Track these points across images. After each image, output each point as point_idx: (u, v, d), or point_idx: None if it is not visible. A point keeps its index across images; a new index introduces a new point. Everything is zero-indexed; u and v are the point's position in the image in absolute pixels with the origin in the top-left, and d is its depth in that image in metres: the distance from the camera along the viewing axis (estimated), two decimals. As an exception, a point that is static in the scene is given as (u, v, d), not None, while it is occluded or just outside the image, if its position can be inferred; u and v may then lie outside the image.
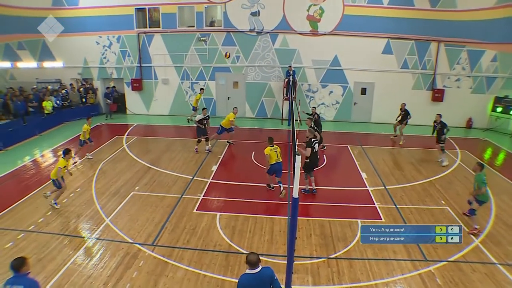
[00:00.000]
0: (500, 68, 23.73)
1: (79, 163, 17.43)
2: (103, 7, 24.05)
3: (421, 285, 9.88)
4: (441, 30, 23.43)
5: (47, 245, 11.13)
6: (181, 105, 25.50)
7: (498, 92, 23.99)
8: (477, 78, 24.21)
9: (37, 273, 9.69)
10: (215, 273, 10.00)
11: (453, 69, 24.21)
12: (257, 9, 23.85)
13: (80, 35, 24.48)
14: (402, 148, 19.99)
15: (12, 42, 23.93)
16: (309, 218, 12.89)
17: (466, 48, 23.69)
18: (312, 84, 24.85)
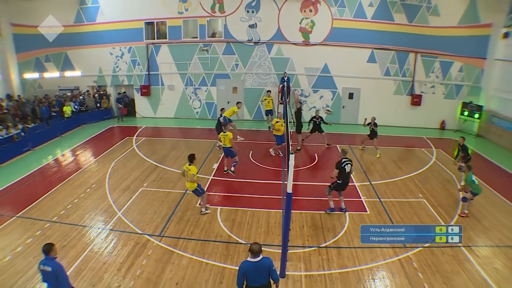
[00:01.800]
0: (465, 77, 24.03)
1: (93, 162, 17.36)
2: (116, 22, 24.05)
3: (400, 268, 10.02)
4: (417, 43, 23.61)
5: (69, 234, 11.20)
6: (185, 109, 25.46)
7: (464, 98, 24.19)
8: (448, 86, 24.34)
9: (61, 258, 9.65)
10: (216, 261, 10.04)
11: (428, 77, 24.27)
12: (254, 22, 23.83)
13: (96, 47, 24.45)
14: (386, 147, 19.90)
15: (41, 56, 24.00)
16: (301, 211, 12.87)
17: (439, 59, 23.89)
18: (304, 89, 24.80)
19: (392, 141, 21.37)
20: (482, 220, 12.80)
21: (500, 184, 15.60)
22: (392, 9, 23.19)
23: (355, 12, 23.41)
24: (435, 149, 20.36)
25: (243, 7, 23.63)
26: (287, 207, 8.34)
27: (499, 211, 13.45)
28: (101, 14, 24.03)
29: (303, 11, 23.59)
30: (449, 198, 14.38)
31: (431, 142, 21.71)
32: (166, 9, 23.84)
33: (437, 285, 9.37)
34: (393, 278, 9.62)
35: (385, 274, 9.80)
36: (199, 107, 25.43)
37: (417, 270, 9.94)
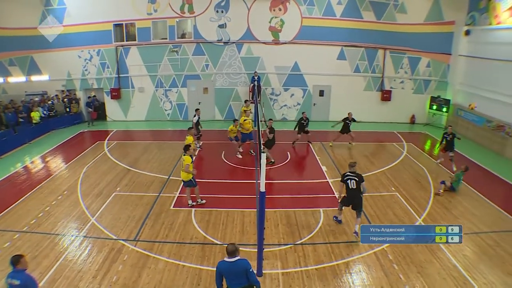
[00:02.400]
0: (433, 72, 24.75)
1: (64, 168, 16.99)
2: (84, 24, 23.53)
3: (375, 261, 10.17)
4: (386, 39, 24.05)
5: (40, 244, 10.82)
6: (156, 111, 25.15)
7: (432, 92, 24.88)
8: (416, 81, 24.94)
9: (32, 270, 9.40)
10: (192, 263, 9.94)
11: (397, 72, 24.77)
12: (224, 22, 23.75)
13: (63, 50, 23.82)
14: (357, 143, 20.16)
15: (4, 60, 23.09)
16: (276, 209, 12.89)
17: (407, 55, 24.44)
18: (275, 88, 24.89)
19: (364, 137, 21.63)
20: (451, 209, 13.22)
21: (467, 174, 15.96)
22: (361, 7, 23.52)
23: (324, 10, 23.61)
24: (406, 143, 20.76)
25: (212, 7, 23.51)
26: (261, 206, 8.35)
27: (467, 200, 13.90)
28: (68, 15, 23.39)
29: (272, 10, 23.66)
30: (420, 190, 14.71)
31: (401, 136, 22.14)
32: (135, 10, 23.49)
33: (412, 275, 9.58)
34: (369, 271, 9.75)
35: (361, 267, 9.93)
36: (170, 108, 25.18)
37: (392, 262, 10.12)
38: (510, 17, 19.16)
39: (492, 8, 20.48)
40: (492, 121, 20.00)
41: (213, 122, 23.87)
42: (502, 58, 19.63)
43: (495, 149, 19.74)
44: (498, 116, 19.76)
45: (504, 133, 19.12)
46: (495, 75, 20.21)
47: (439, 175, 16.23)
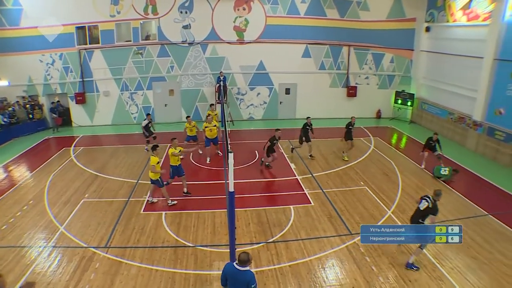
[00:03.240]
0: (396, 68, 25.35)
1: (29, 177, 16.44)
2: (45, 27, 22.75)
3: (348, 255, 10.37)
4: (350, 36, 24.42)
5: (4, 258, 10.34)
6: (122, 115, 24.66)
7: (397, 87, 25.50)
8: (381, 76, 25.44)
9: None
10: (166, 267, 9.85)
11: (362, 68, 25.19)
12: (188, 23, 23.52)
13: (23, 54, 22.95)
14: (325, 139, 20.38)
15: (-44, 65, 22.19)
16: (246, 208, 12.90)
17: (371, 51, 24.91)
18: (241, 88, 24.86)
19: (331, 133, 21.83)
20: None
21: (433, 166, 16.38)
22: (324, 5, 23.76)
23: (288, 9, 23.73)
24: (373, 138, 21.15)
25: (176, 8, 23.23)
26: (231, 206, 8.31)
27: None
28: (25, 17, 22.47)
29: (236, 10, 23.61)
30: (389, 183, 15.04)
31: (368, 131, 22.51)
32: (97, 12, 22.92)
33: (384, 266, 9.83)
34: (342, 265, 9.91)
35: (334, 262, 10.07)
36: (136, 112, 24.74)
37: (364, 254, 10.33)
38: (463, 16, 20.07)
39: (448, 6, 21.32)
40: (454, 113, 20.66)
41: (180, 123, 23.60)
42: (459, 53, 20.55)
43: (457, 140, 20.46)
44: (459, 109, 20.50)
45: (465, 124, 19.78)
46: (454, 69, 21.10)
47: (406, 168, 16.63)
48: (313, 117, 19.82)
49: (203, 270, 9.71)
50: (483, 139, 18.54)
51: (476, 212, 12.83)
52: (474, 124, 19.09)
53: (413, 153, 17.94)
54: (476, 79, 18.80)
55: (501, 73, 17.46)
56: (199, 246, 10.75)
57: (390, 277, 9.40)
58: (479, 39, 18.70)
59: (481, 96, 18.51)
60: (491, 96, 18.16)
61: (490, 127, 18.08)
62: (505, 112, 17.22)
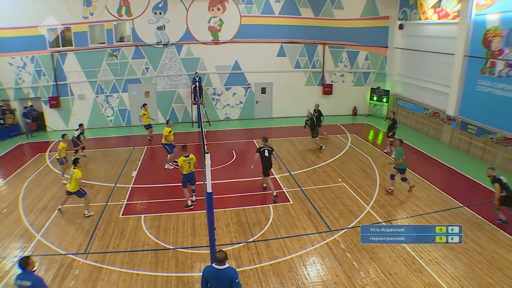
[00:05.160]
0: (371, 65, 25.73)
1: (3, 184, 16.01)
2: (13, 28, 22.31)
3: (328, 252, 10.46)
4: (324, 35, 24.63)
5: (-23, 270, 10.01)
6: (98, 118, 24.23)
7: (372, 84, 25.87)
8: (356, 74, 25.75)
9: None
10: (147, 271, 9.75)
11: (337, 66, 25.42)
12: (162, 24, 23.31)
13: (-9, 57, 22.53)
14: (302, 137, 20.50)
15: None
16: (225, 209, 12.88)
17: (345, 49, 25.18)
18: (217, 88, 24.79)
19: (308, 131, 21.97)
20: (397, 195, 13.89)
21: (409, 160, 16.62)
22: (298, 4, 23.88)
23: (262, 9, 23.76)
24: (350, 134, 21.38)
25: (150, 9, 22.98)
26: (209, 207, 8.28)
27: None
28: (-6, 18, 22.02)
29: (211, 10, 23.52)
30: (367, 179, 15.23)
31: (345, 128, 22.77)
32: (70, 14, 22.43)
33: (365, 261, 9.97)
34: (323, 262, 9.99)
35: (315, 259, 10.14)
36: (112, 114, 24.39)
37: (345, 250, 10.44)
38: (435, 14, 20.51)
39: (419, 4, 21.73)
40: (429, 108, 21.03)
41: (157, 125, 23.42)
42: (432, 50, 21.02)
43: (432, 135, 20.92)
44: (433, 104, 20.91)
45: (439, 119, 20.16)
46: (427, 66, 21.57)
47: (384, 163, 16.86)
48: (290, 115, 19.99)
49: (184, 273, 9.62)
50: (457, 133, 18.96)
51: (451, 204, 13.12)
52: (448, 119, 19.49)
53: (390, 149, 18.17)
54: (449, 75, 19.25)
55: (472, 69, 17.93)
56: (180, 248, 10.67)
57: (371, 272, 9.52)
58: (450, 37, 19.15)
59: (453, 91, 18.94)
60: (463, 91, 18.59)
61: (463, 121, 18.48)
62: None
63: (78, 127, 18.58)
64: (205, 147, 11.32)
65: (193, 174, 13.13)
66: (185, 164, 12.74)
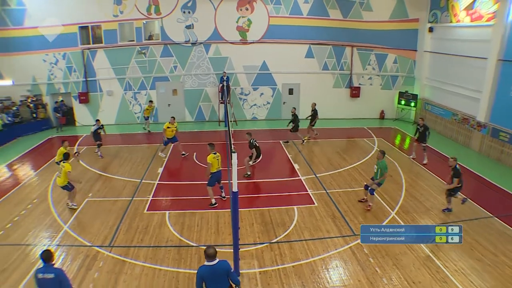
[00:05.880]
0: (400, 68, 25.30)
1: (34, 175, 16.47)
2: (48, 27, 22.90)
3: (352, 256, 10.32)
4: (353, 37, 24.42)
5: (9, 256, 10.42)
6: (125, 114, 24.72)
7: (400, 88, 25.42)
8: (384, 77, 25.41)
9: (2, 283, 9.24)
10: (169, 267, 9.84)
11: (365, 69, 25.17)
12: (191, 23, 23.57)
13: (27, 53, 23.06)
14: (329, 140, 20.40)
15: (-39, 64, 22.28)
16: (250, 209, 12.91)
17: (374, 52, 24.89)
18: (244, 88, 24.90)
19: (335, 133, 21.91)
20: (424, 202, 13.56)
21: (437, 167, 16.49)
22: (327, 5, 23.76)
23: (291, 9, 23.74)
24: (377, 138, 21.11)
25: (179, 8, 23.28)
26: (234, 206, 8.32)
27: (438, 192, 14.20)
28: (28, 17, 22.60)
29: (239, 10, 23.63)
30: (392, 183, 14.98)
31: (372, 131, 22.50)
32: (101, 12, 23.00)
33: (388, 267, 9.78)
34: (346, 266, 9.88)
35: (338, 263, 10.04)
36: (139, 111, 24.78)
37: (368, 255, 10.28)
38: (467, 16, 19.95)
39: (451, 7, 21.19)
40: (458, 114, 20.59)
41: (184, 123, 23.66)
42: (463, 54, 20.46)
43: (461, 141, 20.43)
44: (463, 109, 20.43)
45: (469, 125, 19.71)
46: (458, 70, 21.03)
47: (410, 169, 16.60)
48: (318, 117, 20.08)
49: (206, 270, 9.70)
50: (488, 140, 18.46)
51: (480, 214, 12.74)
52: (478, 125, 19.01)
53: (416, 154, 17.88)
54: (480, 80, 18.70)
55: (505, 74, 17.34)
56: (203, 246, 10.71)
57: (394, 279, 9.36)
58: (483, 40, 18.61)
59: (485, 97, 18.39)
60: (495, 97, 18.08)
61: (494, 128, 17.99)
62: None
63: (95, 122, 18.95)
64: (231, 147, 11.37)
65: (221, 172, 13.27)
66: (215, 161, 12.86)
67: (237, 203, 8.23)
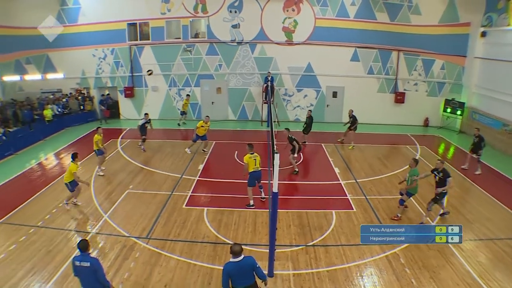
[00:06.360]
0: (447, 75, 24.45)
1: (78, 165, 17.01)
2: (99, 23, 23.80)
3: (387, 265, 10.09)
4: (399, 41, 23.91)
5: (54, 239, 10.98)
6: (169, 110, 25.24)
7: (447, 95, 24.59)
8: (430, 83, 24.70)
9: (47, 263, 9.76)
10: (204, 262, 9.98)
11: (411, 74, 24.60)
12: (237, 22, 23.82)
13: (78, 49, 24.14)
14: (370, 145, 20.10)
15: (21, 58, 23.39)
16: (288, 210, 12.88)
17: (421, 57, 24.26)
18: (288, 89, 24.89)
19: (377, 139, 21.54)
20: (465, 214, 13.06)
21: (482, 178, 15.88)
22: (374, 8, 23.42)
23: (337, 11, 23.56)
24: (420, 146, 20.58)
25: (226, 7, 23.60)
26: (273, 207, 8.34)
27: (482, 204, 13.74)
28: (82, 15, 23.71)
29: (285, 11, 23.65)
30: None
31: (415, 139, 21.95)
32: (149, 10, 23.68)
33: (424, 280, 9.47)
34: (381, 275, 9.69)
35: (373, 271, 9.86)
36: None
37: (405, 266, 10.02)
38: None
39: (511, 8, 20.15)
40: (509, 124, 19.71)
41: (226, 122, 23.89)
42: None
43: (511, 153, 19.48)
44: (515, 120, 19.52)
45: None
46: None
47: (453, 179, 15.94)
48: (360, 121, 19.78)
49: (241, 269, 9.78)
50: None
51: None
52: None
53: (461, 164, 17.34)
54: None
55: None
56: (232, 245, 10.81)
57: (431, 292, 9.11)
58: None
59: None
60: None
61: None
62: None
63: (144, 116, 19.33)
64: (274, 147, 11.41)
65: (260, 172, 13.19)
66: (251, 160, 12.86)
67: (277, 204, 8.25)
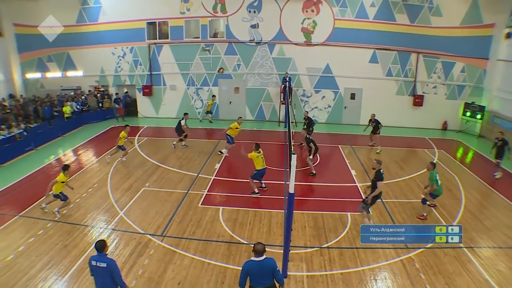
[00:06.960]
0: (467, 78, 24.07)
1: (95, 162, 17.36)
2: (118, 22, 24.13)
3: (402, 269, 10.00)
4: (419, 43, 23.64)
5: (71, 233, 11.19)
6: (187, 109, 25.13)
7: (467, 98, 24.22)
8: (450, 86, 24.37)
9: (63, 257, 9.93)
10: (218, 261, 10.03)
11: (430, 77, 24.30)
12: (256, 22, 23.88)
13: (98, 47, 24.54)
14: (387, 148, 19.92)
15: (43, 56, 24.02)
16: (303, 211, 12.86)
17: (440, 59, 23.93)
18: (306, 90, 24.86)
19: (394, 142, 21.35)
20: (484, 220, 12.79)
21: (501, 184, 15.63)
22: (394, 10, 23.21)
23: (357, 12, 23.44)
24: (437, 150, 20.34)
25: (245, 7, 23.68)
26: (289, 208, 8.34)
27: (501, 211, 13.46)
28: (103, 14, 24.11)
29: (305, 11, 23.61)
30: (451, 198, 14.34)
31: (433, 142, 21.69)
32: (168, 9, 23.90)
33: (439, 286, 9.35)
34: (395, 279, 9.61)
35: (387, 274, 9.79)
36: (201, 107, 25.44)
37: (419, 271, 9.92)
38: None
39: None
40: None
41: (244, 122, 23.90)
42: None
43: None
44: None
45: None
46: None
47: (471, 185, 15.84)
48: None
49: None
50: None
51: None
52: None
53: (480, 169, 17.10)
54: None
55: None
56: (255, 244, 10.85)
57: (446, 299, 9.00)
58: None
59: None
60: None
61: None
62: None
63: (183, 116, 19.41)
64: (291, 148, 11.39)
65: (265, 169, 13.83)
66: (259, 159, 13.38)
67: (293, 204, 8.24)
